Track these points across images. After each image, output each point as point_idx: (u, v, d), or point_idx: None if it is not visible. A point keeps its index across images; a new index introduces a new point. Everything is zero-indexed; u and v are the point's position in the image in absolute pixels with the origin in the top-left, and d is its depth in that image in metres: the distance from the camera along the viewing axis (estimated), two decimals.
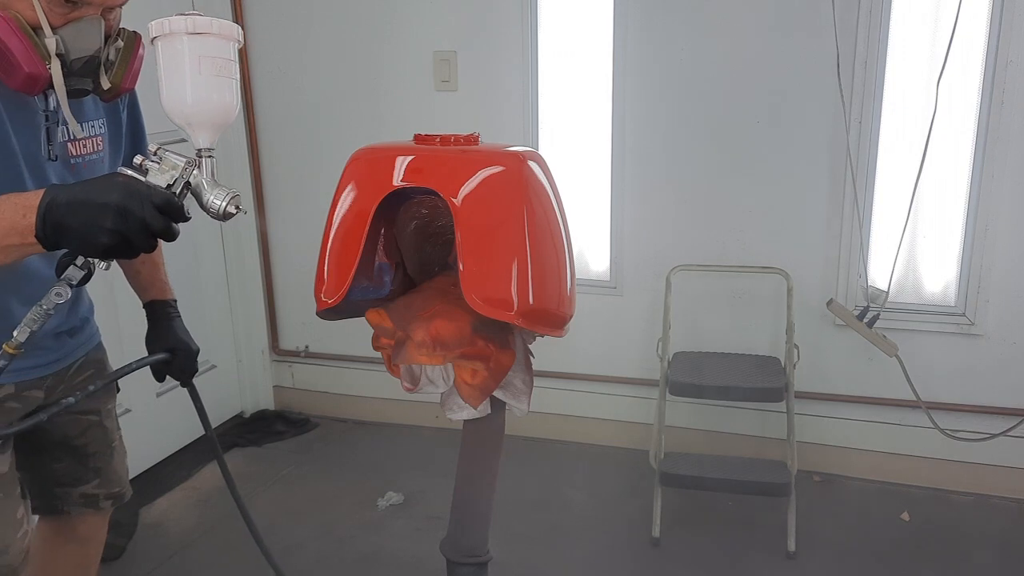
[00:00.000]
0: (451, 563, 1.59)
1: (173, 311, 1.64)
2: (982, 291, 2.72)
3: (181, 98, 1.16)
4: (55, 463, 1.64)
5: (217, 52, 1.16)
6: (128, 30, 1.36)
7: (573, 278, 1.43)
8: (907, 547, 2.60)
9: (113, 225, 1.07)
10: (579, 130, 3.03)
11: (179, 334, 1.61)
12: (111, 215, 1.07)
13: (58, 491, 1.67)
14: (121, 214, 1.07)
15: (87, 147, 1.43)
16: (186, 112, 1.17)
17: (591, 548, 2.61)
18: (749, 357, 2.85)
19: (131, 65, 1.36)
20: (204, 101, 1.17)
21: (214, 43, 1.15)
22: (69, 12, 1.24)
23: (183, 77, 1.15)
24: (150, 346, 1.60)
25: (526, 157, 1.35)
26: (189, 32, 1.13)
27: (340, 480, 3.04)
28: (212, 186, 1.19)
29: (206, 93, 1.16)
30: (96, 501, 1.70)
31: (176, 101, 1.17)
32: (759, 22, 2.76)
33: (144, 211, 1.08)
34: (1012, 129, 2.59)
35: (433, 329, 1.33)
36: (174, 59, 1.15)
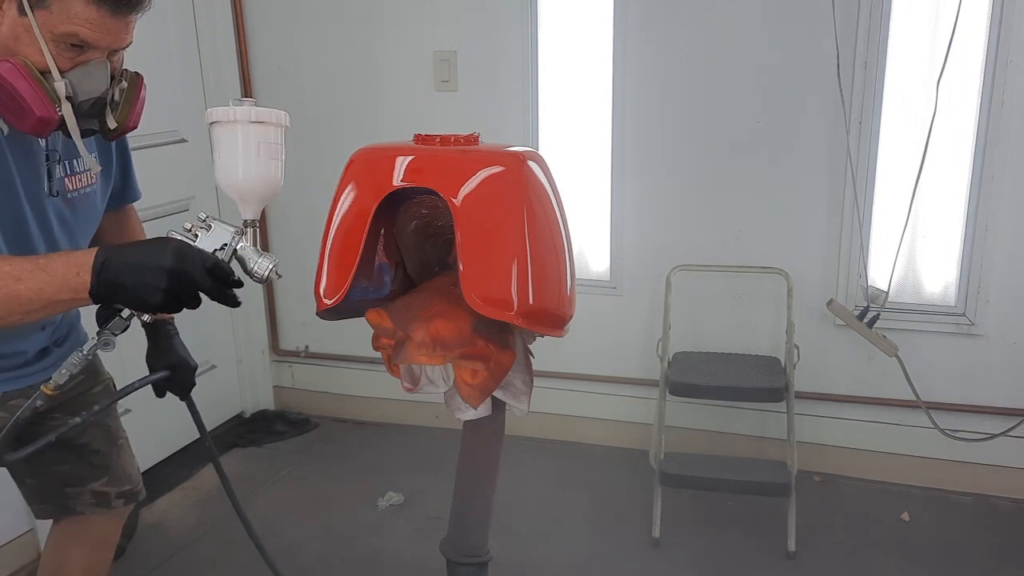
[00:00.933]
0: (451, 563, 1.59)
1: (172, 329, 1.68)
2: (982, 291, 2.72)
3: (235, 177, 1.27)
4: (59, 465, 1.65)
5: (271, 138, 1.28)
6: (130, 71, 1.41)
7: (573, 278, 1.44)
8: (907, 547, 2.60)
9: (167, 286, 1.16)
10: (579, 130, 3.03)
11: (179, 352, 1.65)
12: (166, 277, 1.16)
13: (68, 491, 1.68)
14: (176, 276, 1.16)
15: (82, 181, 1.48)
16: (240, 189, 1.28)
17: (591, 548, 2.61)
18: (749, 357, 2.85)
19: (135, 105, 1.41)
20: (256, 180, 1.28)
21: (269, 131, 1.27)
22: (76, 56, 1.28)
23: (238, 159, 1.26)
24: (151, 363, 1.64)
25: (526, 157, 1.36)
26: (251, 121, 1.25)
27: (340, 480, 3.04)
28: (256, 254, 1.29)
29: (259, 173, 1.27)
30: (108, 500, 1.72)
31: (231, 179, 1.28)
32: (759, 22, 2.76)
33: (196, 274, 1.18)
34: (1012, 129, 2.59)
35: (433, 329, 1.33)
36: (232, 142, 1.26)
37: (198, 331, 3.36)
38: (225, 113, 1.26)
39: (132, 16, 1.30)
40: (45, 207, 1.41)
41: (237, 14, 3.23)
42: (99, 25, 1.26)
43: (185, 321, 1.88)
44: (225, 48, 3.21)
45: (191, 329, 1.95)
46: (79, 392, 1.64)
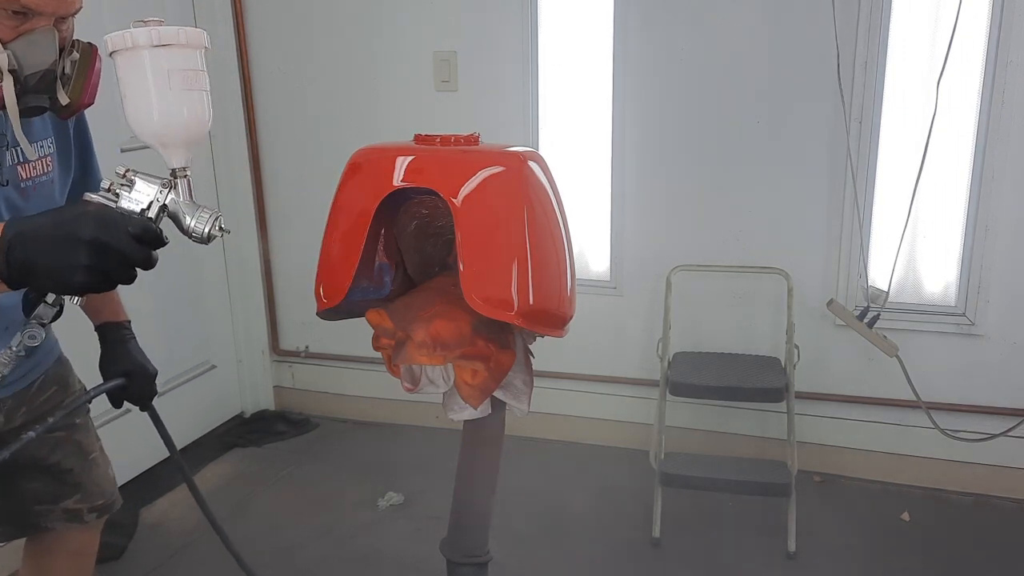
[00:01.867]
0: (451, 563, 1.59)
1: (128, 333, 1.55)
2: (982, 291, 2.72)
3: (149, 116, 1.05)
4: (28, 483, 1.56)
5: (185, 64, 1.06)
6: (83, 42, 1.29)
7: (573, 278, 1.43)
8: (907, 547, 2.60)
9: (88, 261, 0.96)
10: (579, 130, 3.03)
11: (135, 356, 1.51)
12: (85, 250, 0.96)
13: (38, 509, 1.60)
14: (97, 249, 0.96)
15: (37, 168, 1.35)
16: (156, 131, 1.07)
17: (591, 548, 2.61)
18: (749, 357, 2.85)
19: (89, 78, 1.28)
20: (175, 118, 1.06)
21: (181, 54, 1.06)
22: (19, 24, 1.17)
23: (149, 94, 1.05)
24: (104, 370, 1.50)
25: (526, 157, 1.35)
26: (154, 44, 1.04)
27: (340, 480, 3.04)
28: (192, 208, 1.08)
29: (177, 109, 1.06)
30: (80, 515, 1.64)
31: (144, 120, 1.06)
32: (759, 22, 2.76)
33: (121, 243, 0.98)
34: (1012, 129, 2.59)
35: (433, 329, 1.33)
36: (138, 74, 1.04)
37: (198, 331, 3.37)
38: (124, 39, 1.04)
39: None
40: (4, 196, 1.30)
41: (237, 14, 3.23)
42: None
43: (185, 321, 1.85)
44: (225, 48, 3.21)
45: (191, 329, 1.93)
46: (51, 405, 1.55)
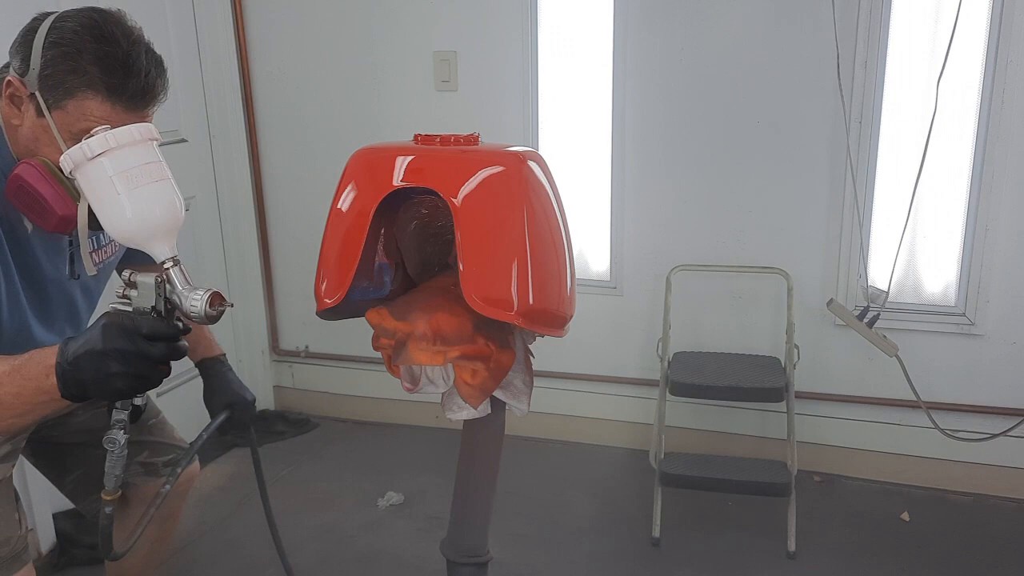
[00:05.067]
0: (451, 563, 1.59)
1: (224, 366, 1.67)
2: (982, 291, 2.72)
3: (122, 221, 1.12)
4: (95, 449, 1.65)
5: (137, 160, 1.12)
6: None
7: (573, 278, 1.43)
8: (907, 547, 2.60)
9: (117, 369, 1.08)
10: (579, 130, 3.03)
11: (235, 389, 1.64)
12: (112, 360, 1.07)
13: None
14: (119, 357, 1.07)
15: (108, 252, 1.50)
16: (132, 233, 1.14)
17: (591, 548, 2.61)
18: (749, 357, 2.85)
19: None
20: (146, 215, 1.12)
21: (130, 153, 1.12)
22: None
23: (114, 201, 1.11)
24: (208, 402, 1.65)
25: (526, 157, 1.35)
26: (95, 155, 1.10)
27: (340, 480, 3.04)
28: (187, 292, 1.13)
29: (145, 206, 1.12)
30: (155, 468, 1.76)
31: (119, 226, 1.13)
32: (759, 22, 2.76)
33: (137, 345, 1.08)
34: (1012, 129, 2.59)
35: (435, 322, 1.33)
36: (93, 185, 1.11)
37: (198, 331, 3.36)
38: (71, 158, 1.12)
39: (148, 110, 1.29)
40: (68, 288, 1.44)
41: (237, 14, 3.23)
42: (115, 121, 1.23)
43: None
44: (225, 48, 3.21)
45: None
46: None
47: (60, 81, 1.23)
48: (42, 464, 1.76)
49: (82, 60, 1.22)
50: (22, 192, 1.25)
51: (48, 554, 2.52)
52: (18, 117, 1.27)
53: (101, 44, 1.23)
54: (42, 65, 1.23)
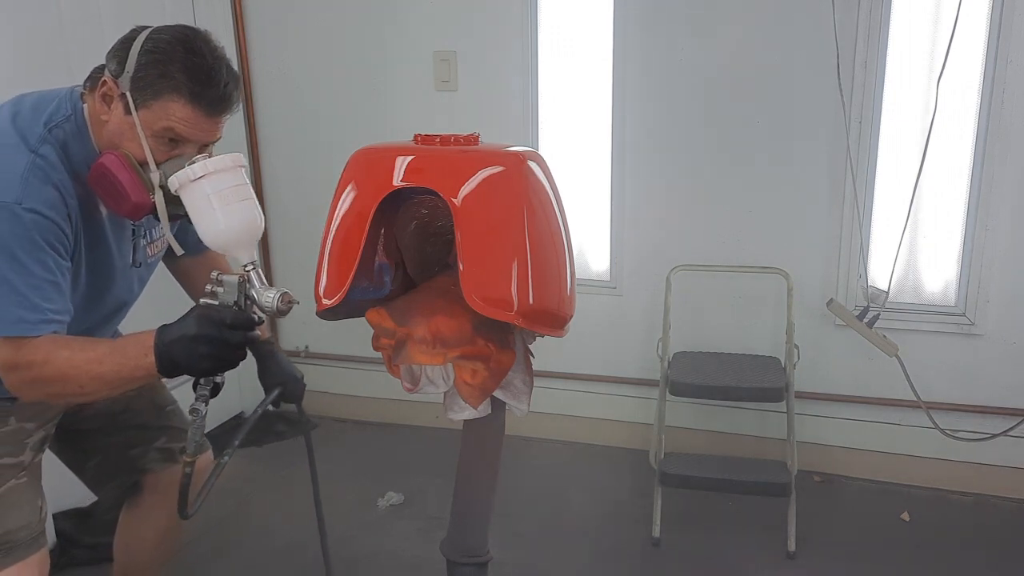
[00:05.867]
0: (451, 563, 1.59)
1: (274, 347, 1.80)
2: (982, 291, 2.72)
3: (215, 231, 1.37)
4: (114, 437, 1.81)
5: (228, 183, 1.37)
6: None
7: (573, 278, 1.43)
8: (907, 547, 2.60)
9: (206, 351, 1.31)
10: (579, 130, 3.03)
11: (285, 368, 1.79)
12: (201, 344, 1.31)
13: (134, 452, 1.83)
14: (207, 342, 1.31)
15: (157, 247, 1.68)
16: (223, 241, 1.39)
17: (591, 548, 2.61)
18: (749, 357, 2.85)
19: None
20: (235, 227, 1.37)
21: (224, 176, 1.36)
22: (171, 150, 1.43)
23: (211, 214, 1.36)
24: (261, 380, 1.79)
25: (526, 157, 1.35)
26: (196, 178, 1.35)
27: (340, 480, 3.04)
28: (263, 291, 1.38)
29: (234, 220, 1.37)
30: (173, 454, 1.85)
31: (212, 235, 1.38)
32: (759, 22, 2.76)
33: (222, 333, 1.32)
34: (1012, 129, 2.59)
35: (434, 325, 1.33)
36: (192, 203, 1.37)
37: None
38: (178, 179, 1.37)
39: (222, 117, 1.46)
40: (129, 276, 1.61)
41: (237, 14, 3.23)
42: (193, 123, 1.41)
43: None
44: (225, 48, 3.21)
45: None
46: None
47: (150, 83, 1.39)
48: (65, 452, 1.83)
49: (172, 67, 1.39)
50: (103, 179, 1.40)
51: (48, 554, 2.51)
52: (106, 113, 1.43)
53: (190, 55, 1.41)
54: (136, 68, 1.39)
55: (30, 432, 1.60)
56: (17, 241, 1.34)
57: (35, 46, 2.50)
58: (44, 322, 1.36)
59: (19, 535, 1.55)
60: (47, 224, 1.36)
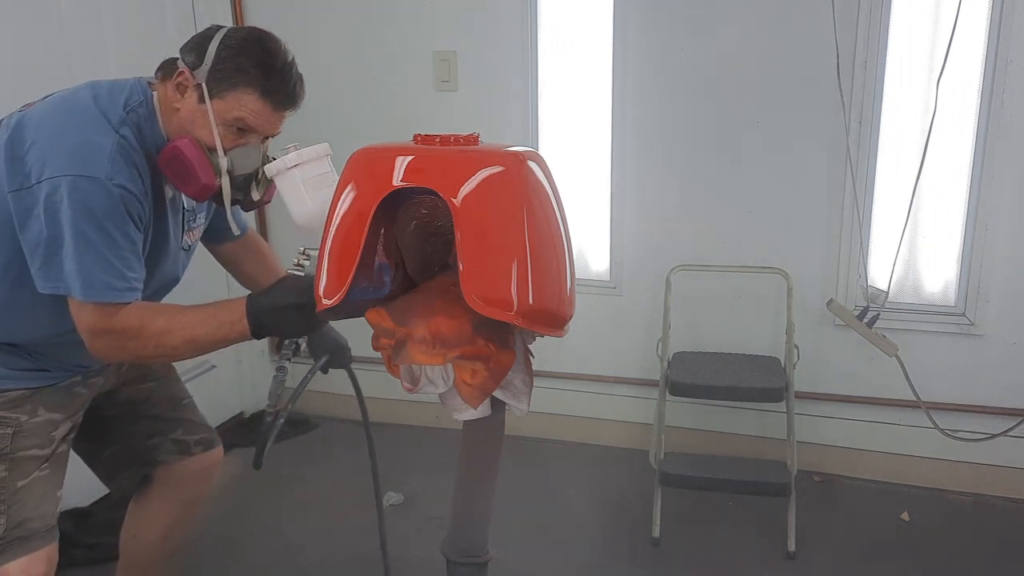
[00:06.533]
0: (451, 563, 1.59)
1: None
2: (982, 291, 2.72)
3: (305, 213, 1.52)
4: (132, 426, 1.88)
5: (318, 171, 1.53)
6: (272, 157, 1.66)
7: (573, 278, 1.43)
8: (907, 547, 2.60)
9: (294, 317, 1.48)
10: (579, 130, 3.03)
11: (333, 337, 1.91)
12: (290, 311, 1.48)
13: (150, 443, 1.89)
14: (296, 309, 1.47)
15: (195, 235, 1.78)
16: (310, 221, 1.52)
17: (591, 548, 2.61)
18: (749, 357, 2.85)
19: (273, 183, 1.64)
20: (320, 211, 1.46)
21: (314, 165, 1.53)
22: (238, 138, 1.56)
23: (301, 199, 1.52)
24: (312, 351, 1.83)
25: (526, 157, 1.35)
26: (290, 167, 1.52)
27: (340, 480, 3.04)
28: None
29: (322, 204, 1.45)
30: (188, 447, 1.93)
31: (302, 216, 1.53)
32: (759, 22, 2.76)
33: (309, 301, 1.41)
34: (1012, 129, 2.59)
35: (433, 326, 1.33)
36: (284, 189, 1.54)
37: None
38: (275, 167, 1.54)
39: (287, 112, 1.60)
40: (178, 257, 1.72)
41: (237, 14, 3.23)
42: (262, 116, 1.55)
43: None
44: None
45: None
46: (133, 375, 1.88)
47: (226, 76, 1.51)
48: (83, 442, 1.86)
49: (248, 63, 1.52)
50: (175, 160, 1.51)
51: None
52: (179, 102, 1.54)
53: (265, 54, 1.56)
54: (215, 62, 1.51)
55: (57, 423, 1.66)
56: (107, 214, 1.43)
57: (35, 46, 2.50)
58: (130, 290, 1.47)
59: (33, 525, 1.60)
60: (131, 199, 1.46)
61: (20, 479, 1.60)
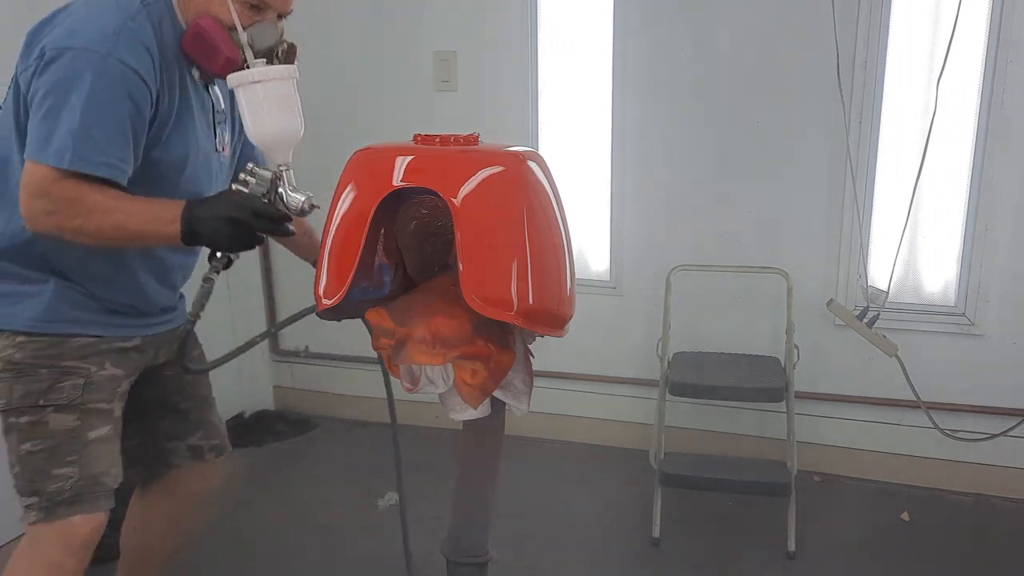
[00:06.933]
0: (451, 563, 1.59)
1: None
2: (982, 291, 2.72)
3: (262, 131, 1.50)
4: (161, 421, 1.88)
5: (280, 91, 1.51)
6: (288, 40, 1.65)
7: (573, 278, 1.43)
8: (907, 547, 2.60)
9: (228, 231, 1.46)
10: (579, 130, 3.03)
11: None
12: (226, 224, 1.46)
13: (168, 446, 1.90)
14: (233, 222, 1.46)
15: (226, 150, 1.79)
16: (267, 139, 1.51)
17: (591, 548, 2.61)
18: (749, 357, 2.85)
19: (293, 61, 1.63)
20: (279, 130, 1.51)
21: (277, 85, 1.50)
22: (254, 16, 1.56)
23: (260, 115, 1.49)
24: None
25: (526, 157, 1.36)
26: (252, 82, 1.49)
27: (340, 480, 3.04)
28: (292, 191, 1.50)
29: (280, 124, 1.51)
30: (201, 452, 1.94)
31: (259, 134, 1.51)
32: (759, 22, 2.76)
33: (248, 217, 1.46)
34: (1012, 129, 2.59)
35: (433, 326, 1.33)
36: (243, 102, 1.50)
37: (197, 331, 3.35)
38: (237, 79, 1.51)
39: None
40: (210, 162, 1.70)
41: None
42: None
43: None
44: None
45: None
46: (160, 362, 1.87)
47: None
48: None
49: None
50: (199, 38, 1.53)
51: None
52: None
53: None
54: None
55: (120, 380, 1.70)
56: (101, 87, 1.44)
57: None
58: (105, 164, 1.45)
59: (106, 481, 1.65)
60: (133, 78, 1.47)
61: (90, 431, 1.63)
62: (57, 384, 1.61)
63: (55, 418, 1.61)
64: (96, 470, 1.63)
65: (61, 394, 1.61)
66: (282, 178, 1.51)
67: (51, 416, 1.61)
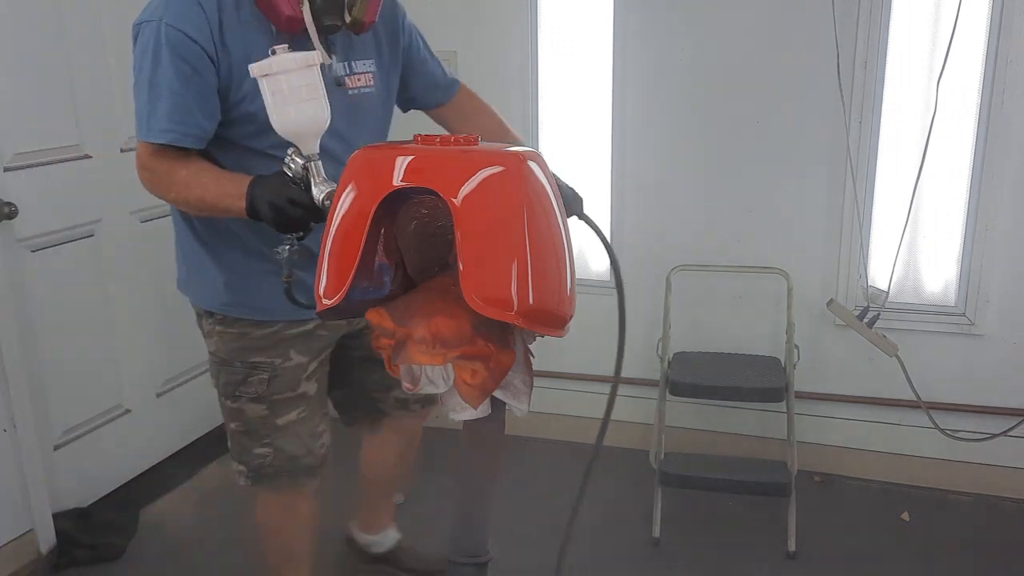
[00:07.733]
0: (451, 563, 1.59)
1: None
2: (982, 291, 2.72)
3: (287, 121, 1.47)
4: (369, 375, 2.03)
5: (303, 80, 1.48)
6: None
7: (573, 278, 1.43)
8: (907, 547, 2.60)
9: (270, 213, 1.51)
10: (579, 130, 3.03)
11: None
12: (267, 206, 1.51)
13: (376, 396, 2.09)
14: (272, 207, 1.50)
15: (360, 81, 1.78)
16: (292, 129, 1.49)
17: (591, 548, 2.61)
18: (749, 357, 2.85)
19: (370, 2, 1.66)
20: (304, 120, 1.49)
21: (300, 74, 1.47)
22: None
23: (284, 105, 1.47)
24: None
25: (526, 157, 1.35)
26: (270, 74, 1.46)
27: (340, 480, 3.03)
28: (318, 183, 1.50)
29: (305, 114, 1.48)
30: (407, 404, 2.11)
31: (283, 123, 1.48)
32: (759, 22, 2.76)
33: (284, 205, 1.49)
34: (1012, 129, 2.59)
35: (433, 326, 1.33)
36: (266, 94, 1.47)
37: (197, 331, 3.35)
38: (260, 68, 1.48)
39: None
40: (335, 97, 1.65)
41: None
42: None
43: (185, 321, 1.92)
44: None
45: (191, 329, 1.96)
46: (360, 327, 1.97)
47: None
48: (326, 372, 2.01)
49: None
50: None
51: (48, 554, 2.52)
52: None
53: None
54: None
55: (305, 367, 1.83)
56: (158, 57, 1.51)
57: (35, 46, 2.50)
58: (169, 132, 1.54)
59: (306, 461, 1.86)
60: (183, 40, 1.52)
61: (277, 419, 1.83)
62: (248, 378, 1.80)
63: (249, 407, 1.83)
64: (289, 451, 1.86)
65: (250, 388, 1.81)
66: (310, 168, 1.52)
67: (246, 405, 1.83)
